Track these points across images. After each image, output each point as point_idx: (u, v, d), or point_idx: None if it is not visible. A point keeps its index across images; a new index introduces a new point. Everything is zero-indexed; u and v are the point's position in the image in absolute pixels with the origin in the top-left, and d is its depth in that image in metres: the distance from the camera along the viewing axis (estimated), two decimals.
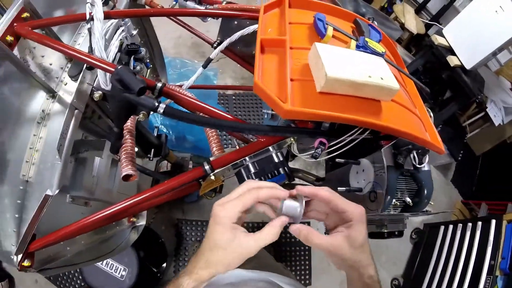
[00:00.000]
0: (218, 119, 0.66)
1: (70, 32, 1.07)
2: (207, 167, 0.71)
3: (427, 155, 0.84)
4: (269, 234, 0.53)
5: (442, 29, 2.49)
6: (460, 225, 2.29)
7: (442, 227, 2.42)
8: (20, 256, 0.78)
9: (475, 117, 3.12)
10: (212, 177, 0.72)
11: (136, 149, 1.18)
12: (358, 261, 0.54)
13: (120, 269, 1.51)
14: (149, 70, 1.35)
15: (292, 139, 0.70)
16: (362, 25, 0.82)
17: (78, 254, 1.03)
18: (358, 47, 0.72)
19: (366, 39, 0.74)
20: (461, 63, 2.37)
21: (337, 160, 0.66)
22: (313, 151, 0.62)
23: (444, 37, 2.44)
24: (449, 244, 2.29)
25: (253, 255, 0.53)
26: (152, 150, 1.22)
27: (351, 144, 0.69)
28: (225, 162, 0.71)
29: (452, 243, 2.27)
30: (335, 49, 0.63)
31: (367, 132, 0.70)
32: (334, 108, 0.60)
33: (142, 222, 1.31)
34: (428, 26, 3.01)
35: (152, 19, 1.33)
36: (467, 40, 2.33)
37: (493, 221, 2.07)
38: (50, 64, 0.97)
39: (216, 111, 0.68)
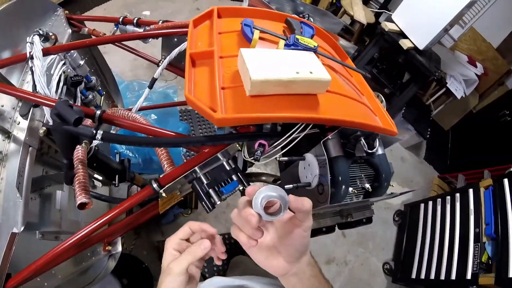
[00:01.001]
0: (155, 137, 0.66)
1: (18, 71, 1.08)
2: (155, 185, 0.71)
3: (377, 139, 0.86)
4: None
5: (391, 15, 2.57)
6: (439, 200, 2.35)
7: (422, 205, 2.47)
8: None
9: (437, 94, 3.22)
10: (164, 194, 0.72)
11: (101, 178, 1.18)
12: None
13: None
14: (102, 97, 1.35)
15: (237, 145, 0.71)
16: (293, 24, 0.84)
17: None
18: (288, 45, 0.73)
19: (297, 36, 0.76)
20: (414, 45, 2.44)
21: (280, 159, 0.68)
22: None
23: (394, 22, 2.52)
24: (432, 220, 2.34)
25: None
26: (117, 176, 1.21)
27: (296, 141, 0.71)
28: (172, 178, 0.71)
29: (435, 219, 2.31)
30: (262, 51, 0.65)
31: (310, 127, 0.72)
32: (268, 109, 0.61)
33: (118, 249, 1.32)
34: (377, 15, 3.10)
35: (106, 45, 1.34)
36: (416, 21, 2.41)
37: (471, 190, 2.13)
38: (2, 106, 0.98)
39: (157, 129, 0.69)
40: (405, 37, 2.46)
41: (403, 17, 2.49)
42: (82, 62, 1.18)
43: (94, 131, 0.64)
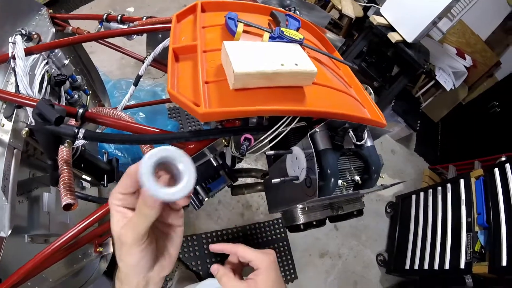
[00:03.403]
0: (139, 135, 0.65)
1: (2, 72, 1.06)
2: None
3: (366, 131, 0.86)
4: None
5: (380, 8, 2.57)
6: (430, 191, 2.37)
7: (414, 196, 2.50)
8: None
9: (426, 86, 3.24)
10: None
11: (89, 178, 1.16)
12: None
13: None
14: (88, 96, 1.33)
15: (224, 140, 0.70)
16: (279, 16, 0.83)
17: None
18: (273, 38, 0.73)
19: (282, 28, 0.75)
20: (402, 38, 2.45)
21: (267, 153, 0.67)
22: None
23: (382, 16, 2.52)
24: (424, 211, 2.36)
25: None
26: (105, 176, 1.19)
27: (282, 135, 0.70)
28: None
29: (427, 209, 2.34)
30: (246, 44, 0.64)
31: (297, 120, 0.71)
32: (253, 102, 0.60)
33: (110, 250, 1.31)
34: (366, 9, 3.10)
35: (93, 44, 1.32)
36: (405, 14, 2.42)
37: (461, 181, 2.15)
38: None
39: (141, 127, 0.68)
40: (394, 30, 2.46)
41: (392, 11, 2.49)
42: (66, 62, 1.16)
43: (76, 130, 0.63)
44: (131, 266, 0.44)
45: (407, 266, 2.25)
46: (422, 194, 2.43)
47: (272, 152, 0.68)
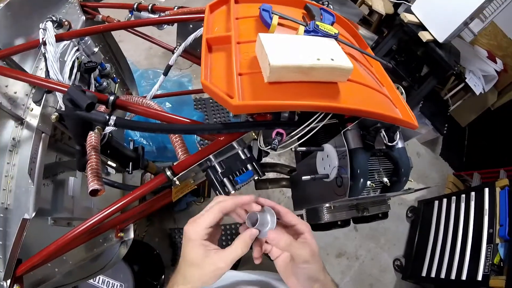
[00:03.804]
0: (169, 124, 0.65)
1: (32, 57, 1.09)
2: (168, 172, 0.70)
3: (398, 132, 0.83)
4: (239, 248, 0.54)
5: (411, 6, 2.50)
6: (453, 198, 2.30)
7: (436, 202, 2.43)
8: (9, 282, 0.80)
9: (455, 89, 3.13)
10: (177, 182, 0.71)
11: (114, 165, 1.18)
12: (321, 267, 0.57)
13: (116, 285, 1.50)
14: (117, 84, 1.35)
15: (253, 134, 0.69)
16: (313, 10, 0.81)
17: (68, 274, 1.04)
18: (308, 31, 0.71)
19: (317, 22, 0.73)
20: (433, 37, 2.37)
21: (298, 149, 0.65)
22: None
23: (413, 14, 2.45)
24: (445, 218, 2.30)
25: (227, 270, 0.53)
26: (130, 163, 1.21)
27: (314, 131, 0.68)
28: (187, 166, 0.70)
29: (448, 217, 2.27)
30: (281, 37, 0.63)
31: (329, 117, 0.69)
32: (286, 96, 0.59)
33: (130, 236, 1.33)
34: (396, 6, 3.02)
35: (121, 33, 1.33)
36: (436, 13, 2.35)
37: (486, 190, 2.07)
38: (15, 93, 1.00)
39: (170, 115, 0.68)
40: (425, 29, 2.39)
41: (423, 9, 2.42)
42: (96, 49, 1.18)
43: (107, 117, 0.63)
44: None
45: (424, 274, 2.20)
46: (445, 200, 2.36)
47: (303, 148, 0.66)
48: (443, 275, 2.05)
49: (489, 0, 2.14)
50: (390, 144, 0.80)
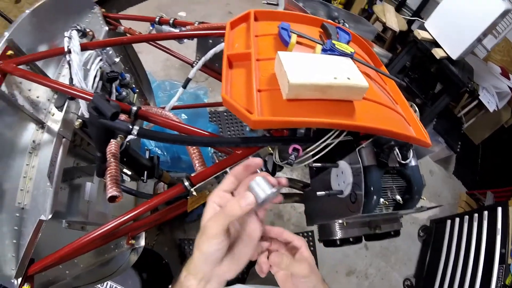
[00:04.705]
0: (189, 136, 0.67)
1: (55, 64, 1.12)
2: (186, 183, 0.72)
3: (411, 150, 0.84)
4: (232, 208, 0.49)
5: (424, 23, 2.51)
6: (466, 217, 2.25)
7: (449, 221, 2.38)
8: (20, 280, 0.81)
9: (469, 106, 3.10)
10: (194, 193, 0.73)
11: (130, 173, 1.20)
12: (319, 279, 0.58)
13: None
14: (136, 94, 1.38)
15: (270, 149, 0.71)
16: (330, 29, 0.83)
17: (78, 277, 1.05)
18: (324, 50, 0.73)
19: (333, 41, 0.75)
20: (447, 54, 2.38)
21: (314, 165, 0.67)
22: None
23: (427, 30, 2.46)
24: (458, 237, 2.25)
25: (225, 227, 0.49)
26: (145, 172, 1.23)
27: (329, 148, 0.70)
28: (204, 177, 0.72)
29: (461, 236, 2.23)
30: (299, 55, 0.65)
31: (344, 134, 0.71)
32: (304, 113, 0.60)
33: (141, 243, 1.35)
34: (410, 23, 3.03)
35: (140, 45, 1.37)
36: (450, 30, 2.35)
37: (499, 209, 2.04)
38: (37, 97, 1.02)
39: (190, 128, 0.70)
40: (438, 46, 2.39)
41: (436, 26, 2.43)
42: (117, 60, 1.21)
43: (131, 126, 0.65)
44: (205, 254, 0.50)
45: None
46: (457, 220, 2.32)
47: (319, 164, 0.67)
48: None
49: (502, 16, 2.13)
50: (403, 162, 0.81)
